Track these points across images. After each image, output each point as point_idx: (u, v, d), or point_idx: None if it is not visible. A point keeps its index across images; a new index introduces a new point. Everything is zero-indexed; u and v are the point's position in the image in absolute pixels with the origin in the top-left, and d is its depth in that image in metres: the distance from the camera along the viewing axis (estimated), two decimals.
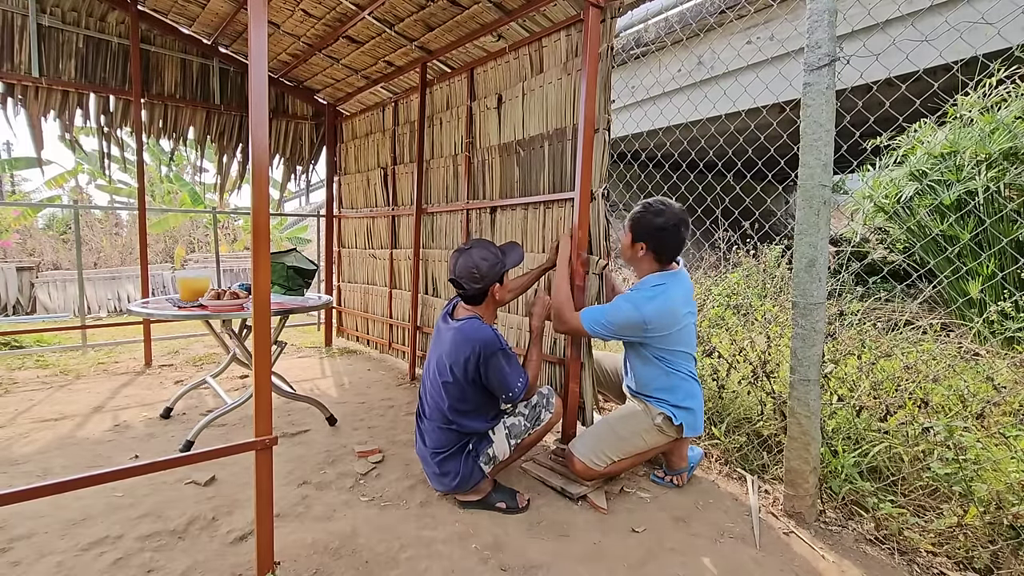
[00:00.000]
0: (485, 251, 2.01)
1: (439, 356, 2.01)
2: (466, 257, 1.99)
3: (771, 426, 2.43)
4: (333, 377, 3.94)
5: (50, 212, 11.46)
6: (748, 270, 4.24)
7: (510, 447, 2.02)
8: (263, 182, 1.43)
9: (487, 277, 1.98)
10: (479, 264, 1.97)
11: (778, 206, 11.15)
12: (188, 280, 2.70)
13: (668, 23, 6.12)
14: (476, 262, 1.97)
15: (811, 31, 1.83)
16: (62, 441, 2.58)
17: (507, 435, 2.01)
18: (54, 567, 1.62)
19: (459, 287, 2.03)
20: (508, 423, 2.04)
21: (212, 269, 6.46)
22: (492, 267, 1.99)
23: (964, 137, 3.61)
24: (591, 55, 2.29)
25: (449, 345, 1.95)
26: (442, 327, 2.08)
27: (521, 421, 2.05)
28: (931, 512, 1.90)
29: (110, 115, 4.00)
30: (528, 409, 2.09)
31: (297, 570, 1.63)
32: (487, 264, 1.98)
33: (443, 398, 1.97)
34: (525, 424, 2.06)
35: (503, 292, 2.08)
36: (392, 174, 4.23)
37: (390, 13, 3.20)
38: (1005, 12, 3.99)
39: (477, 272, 1.97)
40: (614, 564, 1.71)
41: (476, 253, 1.99)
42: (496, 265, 2.00)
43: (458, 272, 2.00)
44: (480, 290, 2.00)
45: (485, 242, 2.07)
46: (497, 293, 2.04)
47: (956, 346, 2.71)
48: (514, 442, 2.03)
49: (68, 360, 4.20)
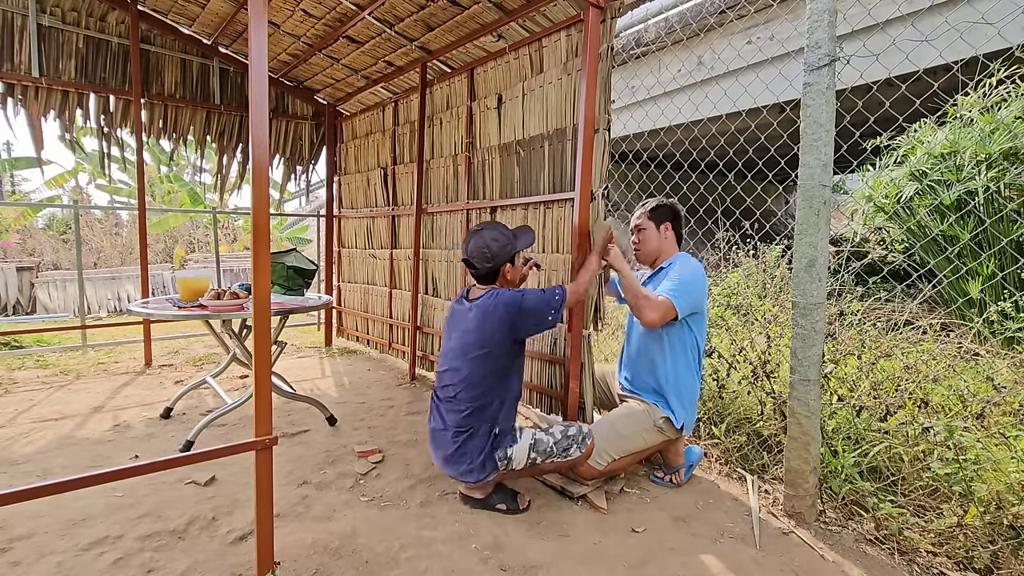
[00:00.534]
0: (496, 232, 2.09)
1: (463, 333, 2.01)
2: (478, 237, 2.07)
3: (771, 426, 2.43)
4: (333, 377, 3.94)
5: (50, 212, 11.47)
6: (748, 270, 4.24)
7: (528, 459, 1.97)
8: (263, 182, 1.43)
9: (497, 256, 2.05)
10: (490, 244, 2.05)
11: (778, 206, 11.15)
12: (188, 280, 2.70)
13: (668, 23, 6.12)
14: (487, 242, 2.05)
15: (811, 31, 1.83)
16: (62, 441, 2.58)
17: (531, 445, 1.98)
18: (54, 567, 1.62)
19: (471, 267, 2.10)
20: (537, 436, 2.00)
21: (212, 269, 6.46)
22: (503, 247, 2.06)
23: (964, 137, 3.61)
24: (591, 55, 2.29)
25: (475, 322, 1.98)
26: (458, 308, 2.11)
27: (549, 441, 2.00)
28: (931, 512, 1.90)
29: (110, 115, 4.00)
30: (562, 436, 2.02)
31: (297, 570, 1.63)
32: (498, 244, 2.05)
33: (471, 371, 1.96)
34: (552, 447, 1.99)
35: (515, 272, 2.13)
36: (392, 174, 4.23)
37: (390, 13, 3.20)
38: (1005, 12, 3.99)
39: (488, 251, 2.04)
40: (614, 564, 1.71)
41: (487, 233, 2.07)
42: (507, 246, 2.07)
43: (470, 251, 2.08)
44: (491, 269, 2.07)
45: (498, 224, 2.15)
46: (508, 273, 2.10)
47: (956, 346, 2.72)
48: (534, 456, 1.97)
49: (68, 360, 4.20)
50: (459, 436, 1.96)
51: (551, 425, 2.11)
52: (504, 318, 1.94)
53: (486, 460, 1.94)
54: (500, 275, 2.10)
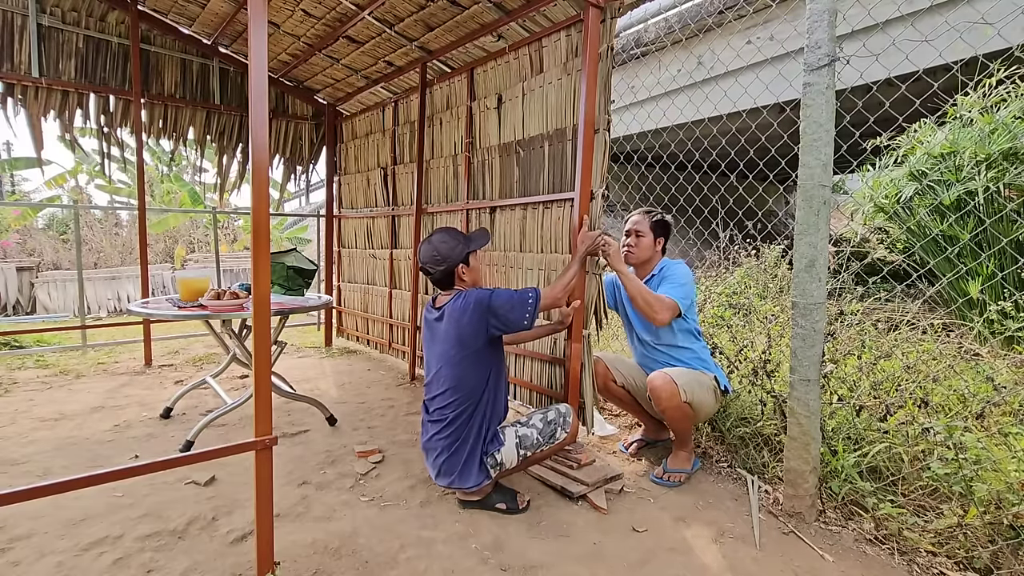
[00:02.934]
0: (445, 235, 2.12)
1: (440, 340, 2.04)
2: (427, 244, 2.11)
3: (771, 426, 2.43)
4: (333, 377, 3.94)
5: (50, 212, 11.46)
6: (749, 270, 4.24)
7: (518, 457, 2.02)
8: (263, 182, 1.43)
9: (448, 258, 2.07)
10: (439, 247, 2.08)
11: (779, 206, 11.15)
12: (188, 280, 2.70)
13: (668, 23, 6.12)
14: (436, 246, 2.09)
15: (811, 31, 1.83)
16: (62, 441, 2.58)
17: (517, 444, 2.01)
18: (54, 567, 1.62)
19: (426, 272, 2.13)
20: (520, 432, 2.03)
21: (212, 269, 6.46)
22: (451, 249, 2.08)
23: (964, 137, 3.60)
24: (591, 55, 2.29)
25: (447, 326, 2.00)
26: (429, 317, 2.14)
27: (533, 434, 2.05)
28: (931, 512, 1.89)
29: (110, 115, 4.00)
30: (543, 424, 2.09)
31: (297, 570, 1.63)
32: (446, 247, 2.08)
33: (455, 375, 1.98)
34: (538, 438, 2.06)
35: (473, 273, 2.14)
36: (392, 174, 4.23)
37: (390, 13, 3.20)
38: (1005, 12, 3.99)
39: (438, 255, 2.07)
40: (614, 564, 1.71)
41: (436, 238, 2.12)
42: (456, 247, 2.09)
43: (422, 258, 2.12)
44: (444, 271, 2.09)
45: (448, 228, 2.19)
46: (465, 274, 2.11)
47: (956, 346, 2.71)
48: (523, 452, 2.03)
49: (68, 360, 4.20)
50: (451, 447, 1.97)
51: (529, 416, 2.13)
52: (474, 317, 1.95)
53: (478, 468, 1.96)
54: (456, 276, 2.11)
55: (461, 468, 1.96)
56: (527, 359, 2.85)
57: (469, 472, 1.95)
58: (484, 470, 1.97)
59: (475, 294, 1.99)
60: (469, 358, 1.97)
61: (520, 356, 2.89)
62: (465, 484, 1.97)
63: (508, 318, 1.96)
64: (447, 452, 1.97)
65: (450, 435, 1.97)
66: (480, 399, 1.99)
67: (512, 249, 2.96)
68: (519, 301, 1.98)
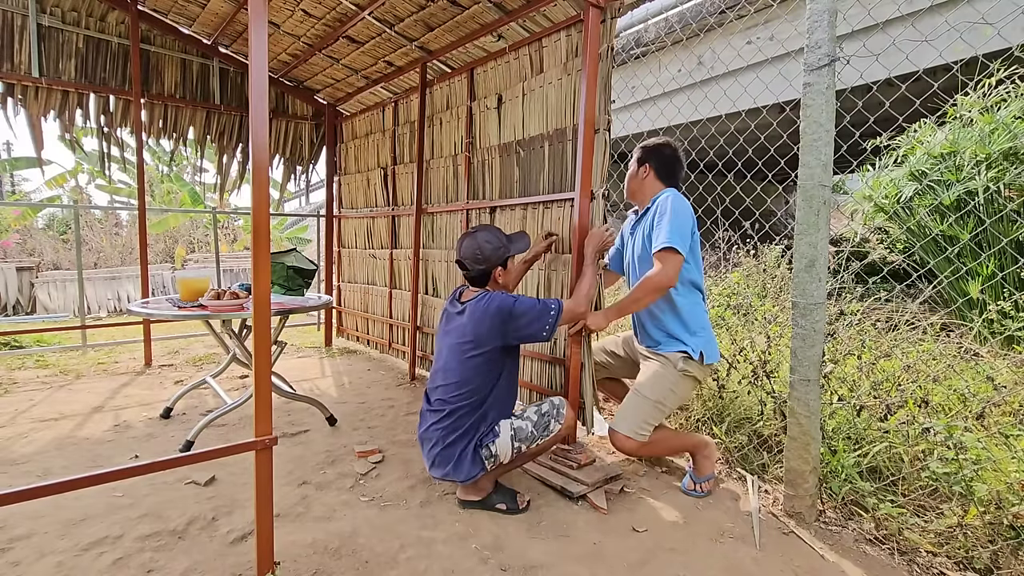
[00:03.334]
0: (490, 235, 2.09)
1: (456, 334, 2.02)
2: (471, 239, 2.07)
3: (771, 426, 2.43)
4: (333, 377, 3.94)
5: (50, 212, 11.48)
6: (748, 270, 4.24)
7: (512, 450, 1.99)
8: (263, 182, 1.43)
9: (490, 260, 2.05)
10: (483, 246, 2.05)
11: (778, 206, 11.15)
12: (188, 280, 2.70)
13: (668, 23, 6.11)
14: (480, 244, 2.05)
15: (811, 31, 1.83)
16: (62, 441, 2.58)
17: (512, 436, 2.00)
18: (54, 567, 1.62)
19: (464, 268, 2.10)
20: (515, 425, 2.02)
21: (212, 269, 6.46)
22: (495, 250, 2.06)
23: (964, 137, 3.61)
24: (591, 55, 2.29)
25: (466, 323, 1.98)
26: (451, 310, 2.12)
27: (528, 426, 2.02)
28: (931, 512, 1.89)
29: (110, 115, 4.00)
30: (537, 416, 2.05)
31: (297, 570, 1.63)
32: (490, 247, 2.05)
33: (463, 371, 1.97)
34: (532, 431, 2.02)
35: (507, 277, 2.13)
36: (392, 174, 4.23)
37: (390, 13, 3.20)
38: (1005, 12, 3.99)
39: (481, 254, 2.04)
40: (614, 564, 1.71)
41: (481, 236, 2.07)
42: (499, 249, 2.07)
43: (463, 253, 2.08)
44: (483, 271, 2.07)
45: (492, 227, 2.15)
46: (500, 277, 2.10)
47: (956, 346, 2.71)
48: (518, 445, 1.99)
49: (68, 360, 4.20)
50: (447, 437, 1.97)
51: (524, 409, 2.11)
52: (494, 322, 1.94)
53: (472, 459, 1.95)
54: (492, 278, 2.09)
55: (456, 459, 1.95)
56: (527, 359, 2.85)
57: (463, 464, 1.94)
58: (479, 462, 1.95)
59: (499, 299, 1.96)
60: (479, 357, 1.96)
61: (520, 356, 2.88)
62: (459, 476, 1.96)
63: (528, 329, 1.95)
64: (442, 443, 1.96)
65: (447, 426, 1.96)
66: (486, 399, 1.99)
67: None
68: (541, 312, 1.96)
